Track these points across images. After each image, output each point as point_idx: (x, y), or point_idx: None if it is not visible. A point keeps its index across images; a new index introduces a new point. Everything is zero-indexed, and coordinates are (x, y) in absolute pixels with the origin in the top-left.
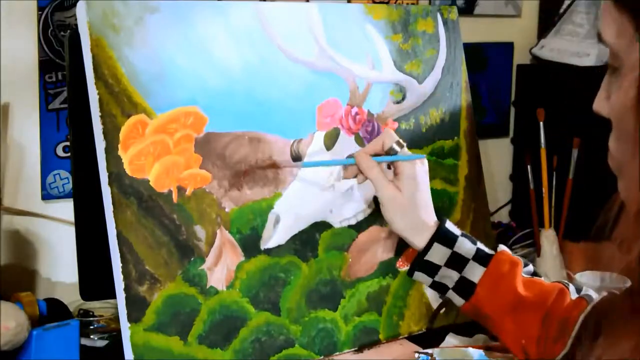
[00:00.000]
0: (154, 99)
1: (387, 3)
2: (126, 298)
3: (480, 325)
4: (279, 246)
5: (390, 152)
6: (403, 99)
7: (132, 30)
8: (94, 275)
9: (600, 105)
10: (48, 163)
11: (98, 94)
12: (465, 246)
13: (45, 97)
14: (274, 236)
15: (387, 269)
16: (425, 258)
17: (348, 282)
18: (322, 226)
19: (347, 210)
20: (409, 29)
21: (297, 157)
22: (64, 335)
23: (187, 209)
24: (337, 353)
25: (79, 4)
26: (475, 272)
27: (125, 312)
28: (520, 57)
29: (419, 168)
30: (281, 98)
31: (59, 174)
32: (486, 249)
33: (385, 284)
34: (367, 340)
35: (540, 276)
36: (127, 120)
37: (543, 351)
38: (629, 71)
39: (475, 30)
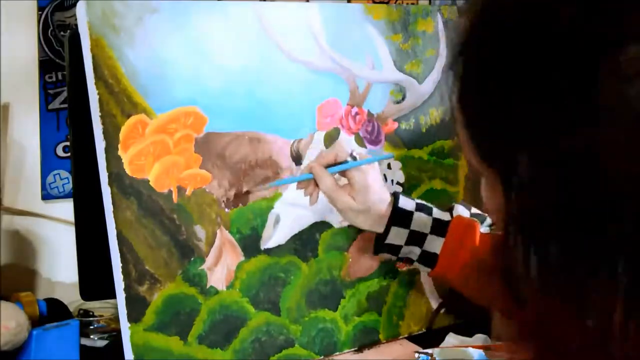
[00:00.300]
0: (154, 99)
1: (387, 3)
2: (126, 298)
3: (480, 325)
4: (279, 246)
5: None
6: (403, 99)
7: (132, 30)
8: (94, 275)
9: None
10: (48, 163)
11: (98, 94)
12: (422, 220)
13: (45, 97)
14: (274, 236)
15: (387, 269)
16: (386, 242)
17: (348, 282)
18: (322, 226)
19: None
20: (409, 29)
21: (297, 157)
22: (64, 335)
23: (187, 209)
24: (337, 353)
25: (78, 4)
26: (435, 244)
27: (125, 312)
28: None
29: (370, 173)
30: (281, 98)
31: (59, 174)
32: (443, 217)
33: (385, 284)
34: (367, 340)
35: None
36: (127, 120)
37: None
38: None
39: None
